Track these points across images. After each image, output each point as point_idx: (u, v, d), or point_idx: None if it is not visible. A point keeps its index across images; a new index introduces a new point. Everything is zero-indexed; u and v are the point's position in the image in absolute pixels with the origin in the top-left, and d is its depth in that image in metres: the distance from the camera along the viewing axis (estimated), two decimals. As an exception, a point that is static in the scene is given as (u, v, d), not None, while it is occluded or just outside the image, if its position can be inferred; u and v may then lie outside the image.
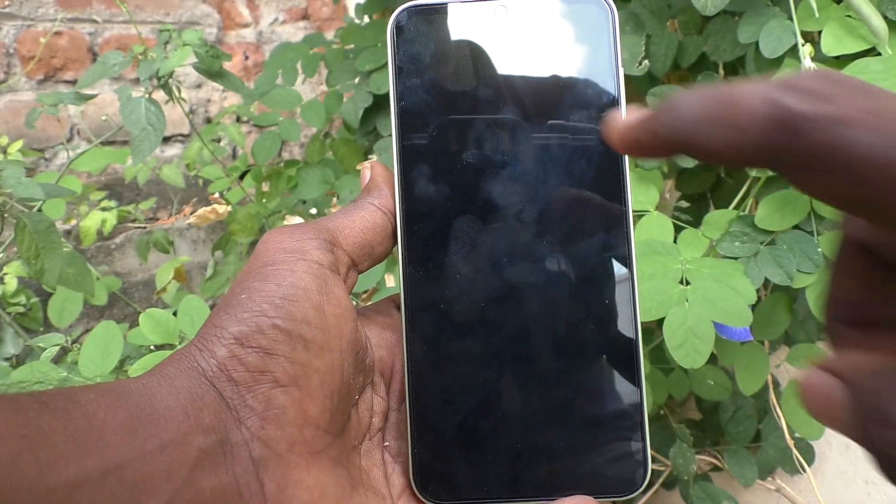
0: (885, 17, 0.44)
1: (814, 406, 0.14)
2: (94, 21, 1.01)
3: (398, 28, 0.26)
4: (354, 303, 0.57)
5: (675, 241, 0.51)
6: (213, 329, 0.21)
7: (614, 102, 0.25)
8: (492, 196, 0.25)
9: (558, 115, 0.25)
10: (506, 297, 0.25)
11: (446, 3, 0.26)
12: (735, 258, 0.49)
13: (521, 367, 0.24)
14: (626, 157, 0.25)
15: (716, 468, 0.69)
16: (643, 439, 0.24)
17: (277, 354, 0.20)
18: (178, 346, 0.46)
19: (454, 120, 0.25)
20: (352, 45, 0.81)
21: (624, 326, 0.25)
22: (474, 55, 0.25)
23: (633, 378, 0.24)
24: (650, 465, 0.24)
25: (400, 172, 0.25)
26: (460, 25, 0.26)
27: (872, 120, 0.12)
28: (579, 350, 0.24)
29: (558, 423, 0.24)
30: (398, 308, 0.26)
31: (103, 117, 0.80)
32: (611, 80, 0.25)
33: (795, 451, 0.62)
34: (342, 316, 0.22)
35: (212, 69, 0.63)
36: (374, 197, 0.26)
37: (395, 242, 0.26)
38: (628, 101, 0.25)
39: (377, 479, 0.24)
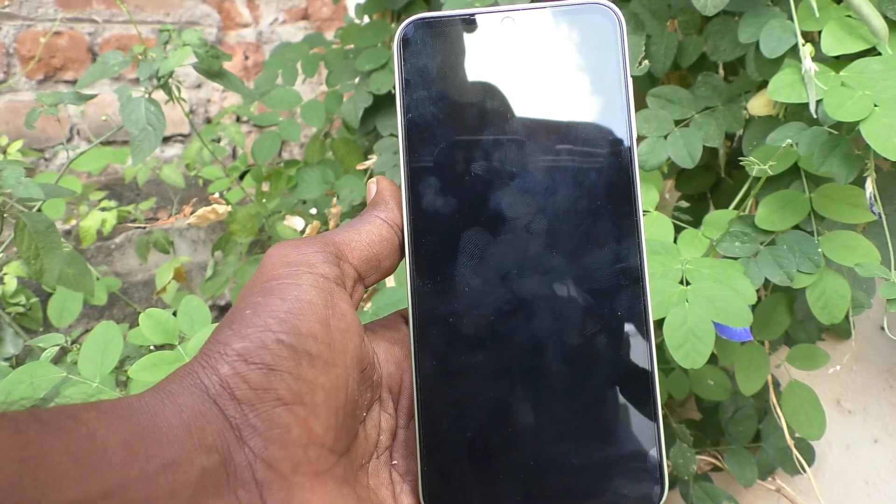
0: (886, 17, 0.44)
1: None
2: (94, 21, 1.01)
3: (405, 41, 0.25)
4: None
5: (675, 241, 0.51)
6: (216, 346, 0.20)
7: (623, 112, 0.25)
8: (500, 208, 0.25)
9: (567, 125, 0.25)
10: (515, 310, 0.24)
11: (453, 16, 0.25)
12: (735, 258, 0.49)
13: (532, 382, 0.24)
14: (637, 167, 0.25)
15: (716, 468, 0.69)
16: (660, 454, 0.23)
17: (282, 371, 0.20)
18: (178, 346, 0.46)
19: (462, 132, 0.25)
20: (352, 45, 0.81)
21: (637, 338, 0.24)
22: (482, 67, 0.25)
23: (648, 390, 0.24)
24: (667, 483, 0.23)
25: (407, 185, 0.25)
26: (467, 37, 0.25)
27: None
28: (591, 363, 0.24)
29: (571, 438, 0.24)
30: (407, 323, 0.25)
31: (103, 117, 0.80)
32: (619, 89, 0.25)
33: (795, 451, 0.62)
34: (348, 330, 0.22)
35: (212, 69, 0.63)
36: (381, 210, 0.25)
37: (403, 256, 0.25)
38: (629, 101, 0.25)
39: (385, 498, 0.23)
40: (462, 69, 0.25)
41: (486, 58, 0.25)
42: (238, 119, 1.14)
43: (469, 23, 0.25)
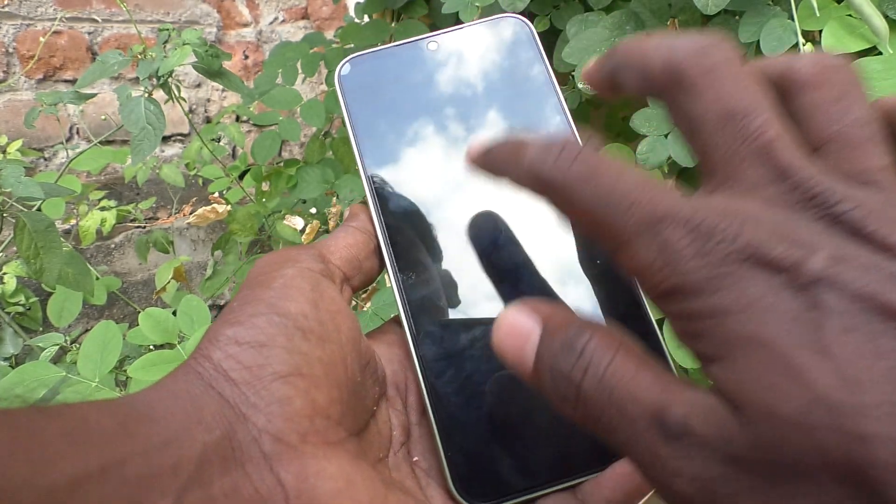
0: (886, 17, 0.44)
1: (504, 343, 0.16)
2: (94, 20, 1.01)
3: (344, 77, 0.29)
4: (354, 303, 0.57)
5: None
6: (208, 337, 0.20)
7: (556, 102, 0.28)
8: (458, 198, 0.27)
9: (503, 122, 0.28)
10: (501, 280, 0.26)
11: (382, 48, 0.29)
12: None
13: None
14: (568, 112, 0.27)
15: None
16: None
17: (274, 346, 0.20)
18: (178, 345, 0.46)
19: (411, 144, 0.28)
20: (352, 45, 0.81)
21: (630, 291, 0.25)
22: (417, 88, 0.28)
23: (649, 333, 0.25)
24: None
25: (371, 194, 0.27)
26: (399, 64, 0.29)
27: None
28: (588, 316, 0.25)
29: None
30: (400, 325, 0.26)
31: (103, 117, 0.80)
32: (547, 84, 0.28)
33: (796, 451, 0.62)
34: (339, 313, 0.22)
35: (211, 68, 0.63)
36: (353, 222, 0.27)
37: (381, 259, 0.26)
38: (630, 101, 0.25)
39: (412, 488, 0.23)
40: (400, 92, 0.28)
41: (420, 79, 0.28)
42: (238, 118, 1.14)
43: (399, 53, 0.29)
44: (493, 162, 0.18)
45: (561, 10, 0.64)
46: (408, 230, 0.26)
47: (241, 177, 0.86)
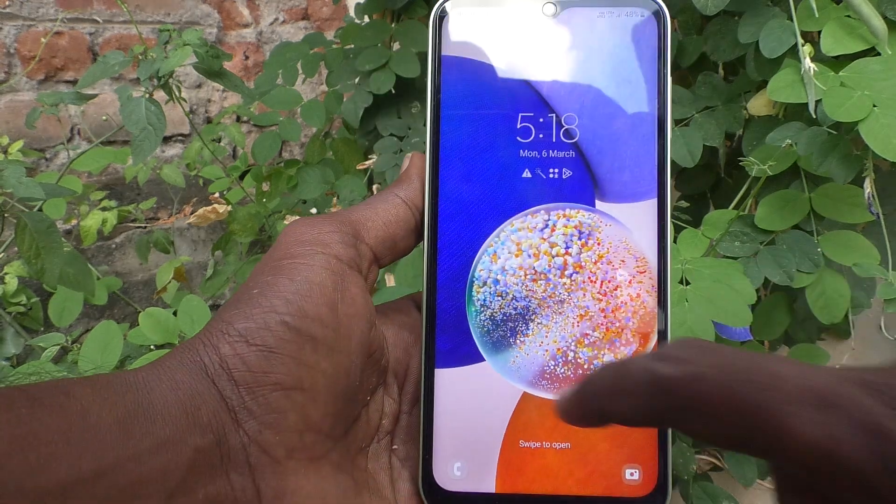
0: (885, 17, 0.44)
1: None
2: (95, 21, 1.01)
3: (440, 19, 0.25)
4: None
5: (675, 241, 0.51)
6: (220, 324, 0.20)
7: (655, 102, 0.24)
8: (526, 197, 0.24)
9: (597, 113, 0.24)
10: (537, 307, 0.24)
11: None
12: (735, 258, 0.49)
13: (545, 381, 0.24)
14: (668, 148, 0.24)
15: (716, 468, 0.69)
16: (664, 460, 0.23)
17: (283, 354, 0.20)
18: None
19: (492, 115, 0.24)
20: (352, 45, 0.81)
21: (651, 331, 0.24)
22: (518, 50, 0.24)
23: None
24: (670, 489, 0.23)
25: (431, 169, 0.24)
26: (503, 19, 0.25)
27: (716, 371, 0.15)
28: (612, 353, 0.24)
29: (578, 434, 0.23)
30: (418, 308, 0.25)
31: (104, 117, 0.80)
32: (654, 79, 0.24)
33: (795, 451, 0.62)
34: (355, 316, 0.22)
35: (212, 69, 0.63)
36: (402, 189, 0.25)
37: (419, 238, 0.24)
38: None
39: (383, 483, 0.23)
40: (497, 51, 0.25)
41: (522, 41, 0.25)
42: (238, 119, 1.14)
43: (508, 6, 0.25)
44: (597, 398, 0.17)
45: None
46: (461, 213, 0.24)
47: (242, 177, 0.86)
